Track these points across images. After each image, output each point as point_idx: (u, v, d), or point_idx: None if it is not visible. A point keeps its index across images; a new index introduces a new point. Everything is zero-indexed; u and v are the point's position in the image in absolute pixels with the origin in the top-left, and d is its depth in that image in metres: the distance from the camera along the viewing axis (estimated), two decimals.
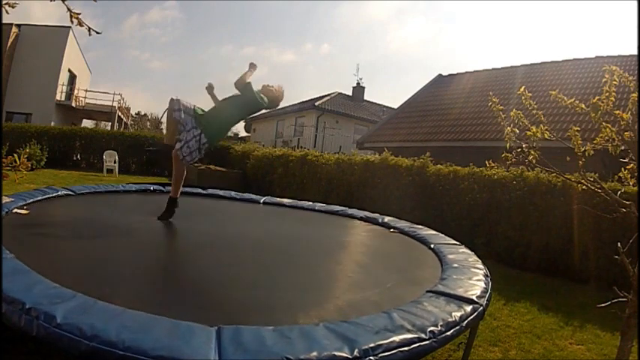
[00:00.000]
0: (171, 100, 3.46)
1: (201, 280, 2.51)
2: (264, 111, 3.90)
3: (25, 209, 3.37)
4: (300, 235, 3.83)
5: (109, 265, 2.44)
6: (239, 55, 72.90)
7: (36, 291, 1.65)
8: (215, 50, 72.98)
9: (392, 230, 3.97)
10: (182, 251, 2.96)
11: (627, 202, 2.22)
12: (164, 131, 3.33)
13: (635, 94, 2.13)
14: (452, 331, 1.78)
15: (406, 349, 1.54)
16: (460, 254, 2.99)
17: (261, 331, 1.50)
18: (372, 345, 1.48)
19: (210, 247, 3.14)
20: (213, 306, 2.04)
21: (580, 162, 2.30)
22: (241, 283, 2.45)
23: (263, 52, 71.32)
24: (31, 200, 3.66)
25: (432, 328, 1.70)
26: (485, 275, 2.54)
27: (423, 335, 1.64)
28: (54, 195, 4.06)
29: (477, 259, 2.90)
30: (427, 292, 2.16)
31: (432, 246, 3.27)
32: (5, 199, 3.35)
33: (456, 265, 2.70)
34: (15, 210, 3.27)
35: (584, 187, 2.41)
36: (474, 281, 2.38)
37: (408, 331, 1.64)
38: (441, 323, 1.76)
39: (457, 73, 16.72)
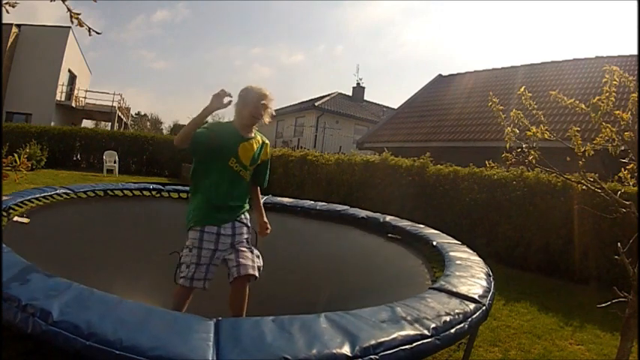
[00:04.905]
0: None
1: None
2: None
3: (26, 217, 3.30)
4: (300, 235, 3.82)
5: (107, 272, 2.43)
6: (245, 56, 72.96)
7: (31, 284, 1.61)
8: (224, 50, 73.08)
9: (390, 235, 3.91)
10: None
11: (627, 202, 2.21)
12: None
13: (635, 94, 2.13)
14: (455, 329, 1.76)
15: (408, 347, 1.50)
16: (462, 253, 2.99)
17: (260, 323, 1.47)
18: (373, 343, 1.45)
19: None
20: (213, 300, 2.03)
21: (580, 162, 2.30)
22: None
23: (269, 53, 71.47)
24: (28, 198, 3.62)
25: (434, 325, 1.66)
26: (488, 275, 2.53)
27: (426, 332, 1.61)
28: (52, 193, 4.02)
29: (479, 258, 2.89)
30: (430, 288, 2.15)
31: (435, 243, 3.26)
32: (4, 197, 3.32)
33: (459, 262, 2.69)
34: (16, 219, 3.20)
35: (584, 187, 2.41)
36: (477, 280, 2.37)
37: (411, 327, 1.60)
38: (444, 320, 1.74)
39: (457, 73, 16.70)
